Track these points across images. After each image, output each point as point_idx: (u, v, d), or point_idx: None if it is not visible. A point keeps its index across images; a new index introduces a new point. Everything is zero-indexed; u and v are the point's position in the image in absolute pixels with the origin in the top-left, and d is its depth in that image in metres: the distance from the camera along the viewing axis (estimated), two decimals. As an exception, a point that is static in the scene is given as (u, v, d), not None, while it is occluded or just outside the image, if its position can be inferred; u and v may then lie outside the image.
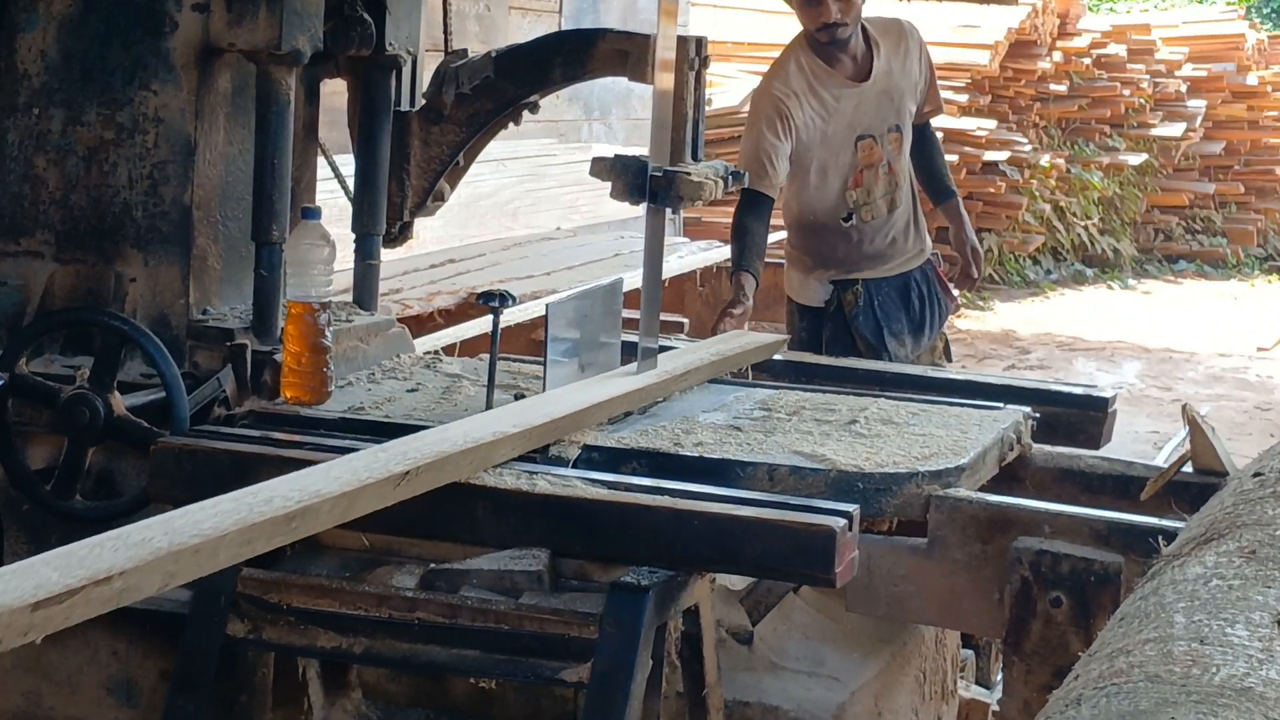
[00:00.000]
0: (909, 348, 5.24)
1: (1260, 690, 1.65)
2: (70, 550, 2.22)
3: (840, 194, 5.21)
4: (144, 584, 2.24)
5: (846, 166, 5.19)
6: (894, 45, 5.24)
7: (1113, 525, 3.18)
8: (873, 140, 5.20)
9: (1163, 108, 15.08)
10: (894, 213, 5.26)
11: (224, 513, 2.48)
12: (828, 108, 5.14)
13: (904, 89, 5.24)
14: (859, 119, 5.18)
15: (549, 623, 2.96)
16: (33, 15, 3.60)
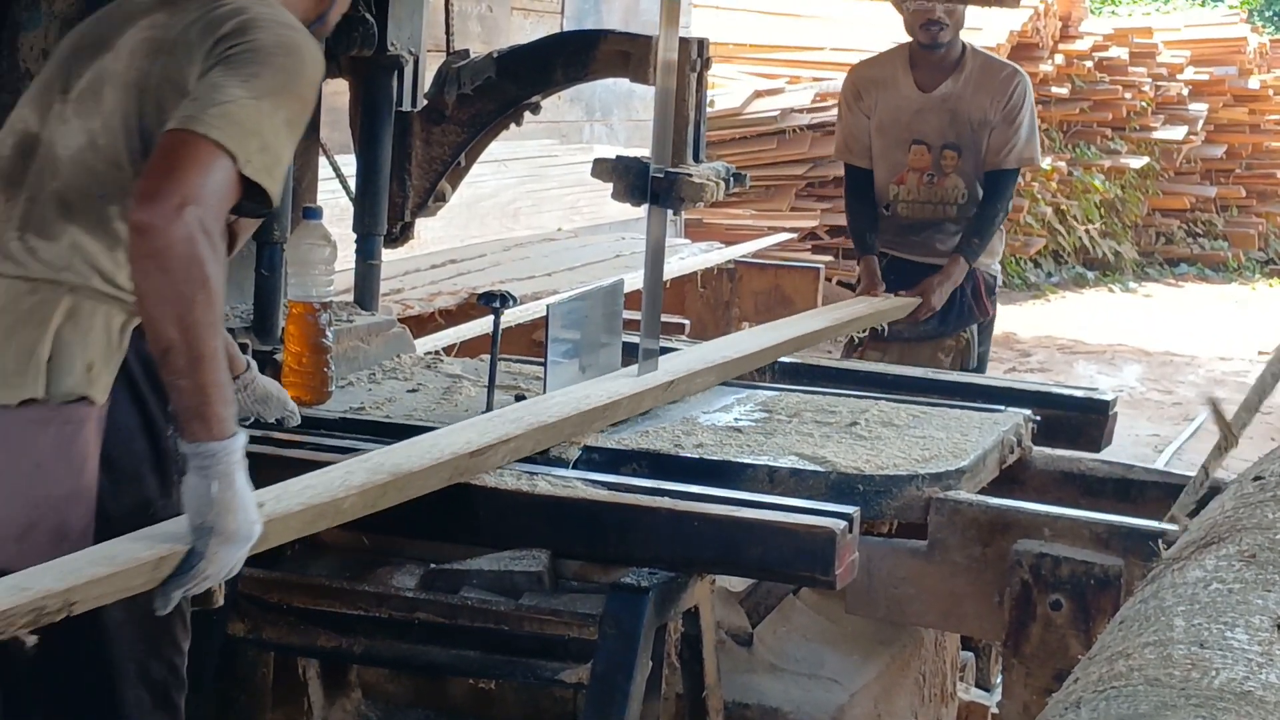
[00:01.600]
0: (906, 328, 5.44)
1: (1260, 694, 1.65)
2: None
3: (885, 185, 5.59)
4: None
5: (896, 162, 5.56)
6: (985, 79, 5.53)
7: (1113, 528, 3.18)
8: (925, 148, 5.53)
9: (1164, 111, 15.08)
10: (938, 225, 5.56)
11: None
12: (895, 101, 5.55)
13: (974, 118, 5.51)
14: (917, 124, 5.53)
15: (549, 623, 2.96)
16: (35, 14, 3.60)
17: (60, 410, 2.50)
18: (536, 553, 3.04)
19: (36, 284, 2.55)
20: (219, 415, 2.38)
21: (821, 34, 13.31)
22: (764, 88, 12.09)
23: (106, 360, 2.53)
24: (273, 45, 2.55)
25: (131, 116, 2.59)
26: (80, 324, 2.53)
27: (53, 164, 2.62)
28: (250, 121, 2.46)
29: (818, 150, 11.75)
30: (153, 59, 2.60)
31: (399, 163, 4.08)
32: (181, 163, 2.39)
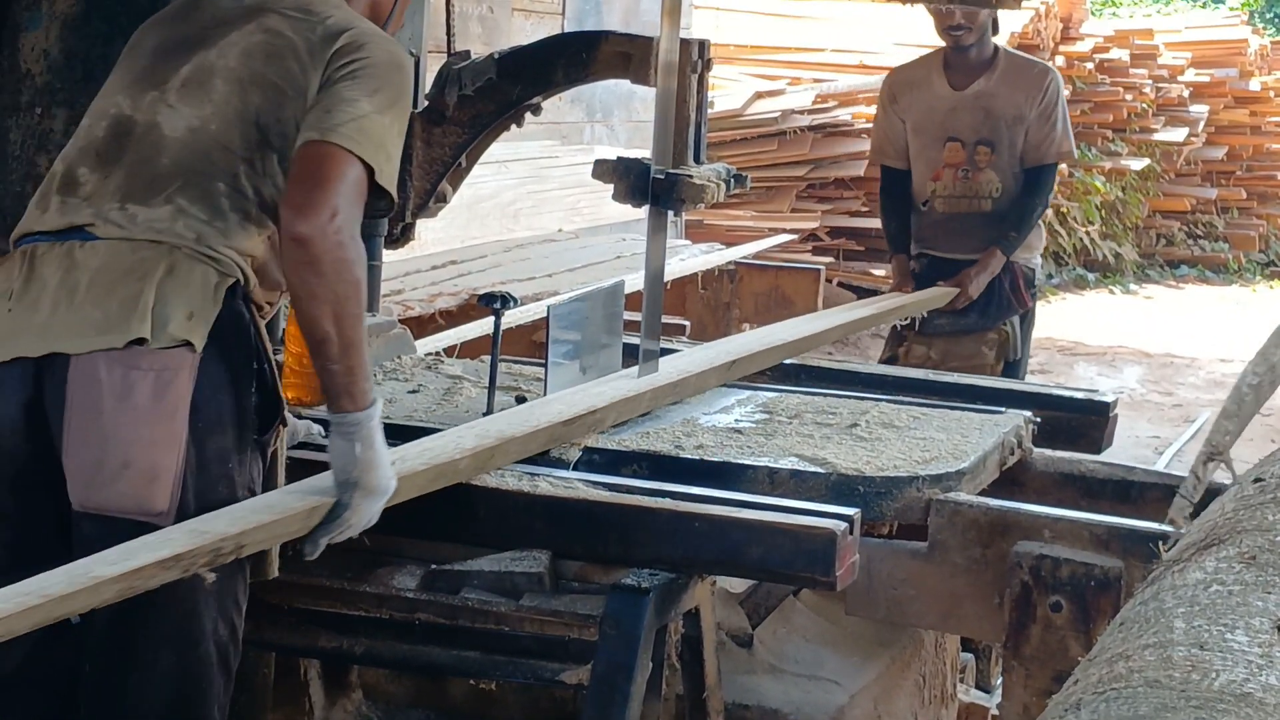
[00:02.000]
0: (948, 322, 5.67)
1: (1260, 696, 1.65)
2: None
3: (922, 182, 5.80)
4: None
5: (932, 160, 5.76)
6: (1018, 77, 5.76)
7: (1113, 530, 3.18)
8: (959, 144, 5.74)
9: (1165, 113, 15.07)
10: (974, 216, 5.72)
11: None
12: (928, 102, 5.78)
13: (1007, 115, 5.72)
14: (950, 122, 5.74)
15: (549, 624, 2.96)
16: (35, 14, 3.60)
17: (160, 355, 2.68)
18: (537, 553, 3.04)
19: (138, 244, 2.76)
20: (364, 390, 2.71)
21: (822, 35, 13.30)
22: (765, 89, 12.09)
23: (203, 312, 2.72)
24: (386, 62, 2.86)
25: (248, 109, 2.83)
26: (180, 277, 2.72)
27: (158, 143, 2.84)
28: (378, 135, 2.77)
29: (818, 151, 11.74)
30: (267, 61, 2.86)
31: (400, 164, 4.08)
32: (328, 175, 2.70)
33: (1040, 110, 5.71)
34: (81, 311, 2.70)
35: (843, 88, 12.34)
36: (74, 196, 2.83)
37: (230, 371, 2.73)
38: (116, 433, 2.66)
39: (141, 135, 2.85)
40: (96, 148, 2.88)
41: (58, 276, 2.75)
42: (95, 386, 2.66)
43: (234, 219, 2.78)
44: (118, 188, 2.81)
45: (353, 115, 2.75)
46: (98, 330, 2.68)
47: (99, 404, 2.66)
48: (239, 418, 2.74)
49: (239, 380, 2.74)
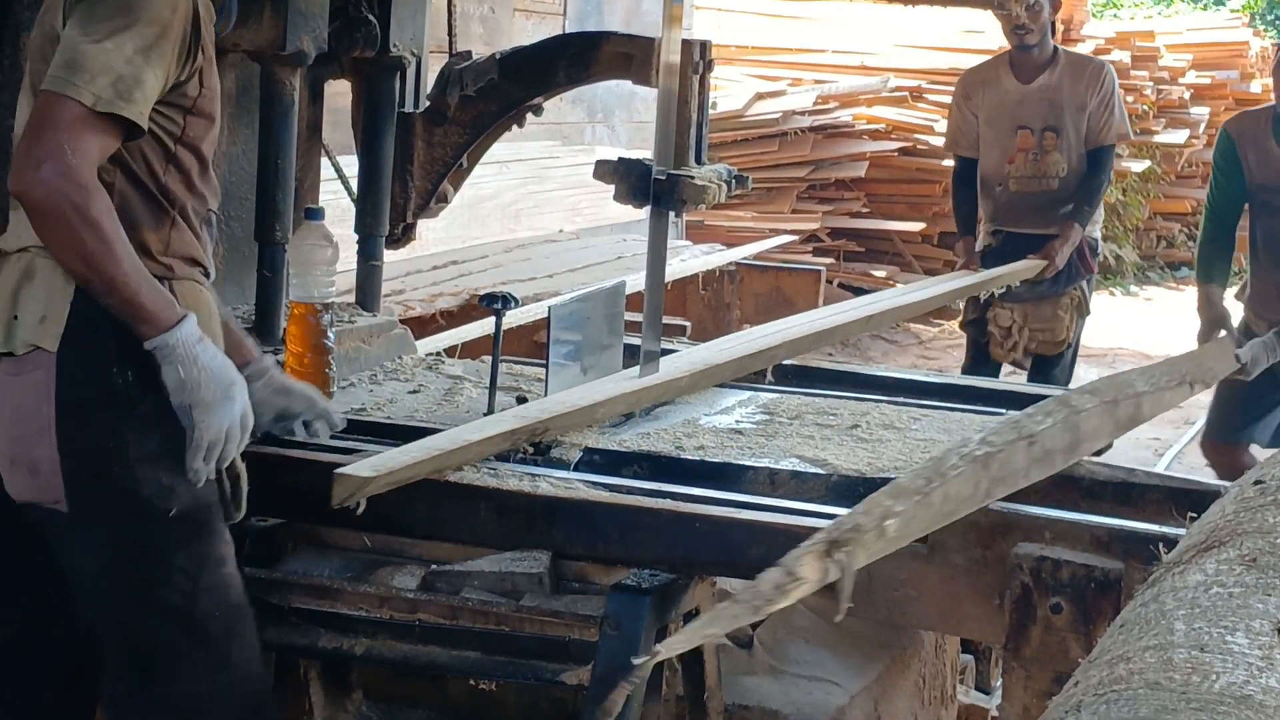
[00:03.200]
0: (1025, 290, 6.43)
1: (1260, 698, 1.65)
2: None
3: (999, 165, 6.61)
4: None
5: (1006, 146, 6.58)
6: (1078, 71, 6.57)
7: (1113, 532, 3.17)
8: (1029, 131, 6.53)
9: (1166, 114, 15.07)
10: (1043, 194, 6.51)
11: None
12: (999, 97, 6.62)
13: (1070, 104, 6.53)
14: (1020, 112, 6.56)
15: (549, 625, 2.96)
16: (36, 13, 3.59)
17: (20, 361, 2.82)
18: (537, 554, 3.04)
19: (7, 255, 2.88)
20: (155, 312, 2.78)
21: (823, 36, 13.31)
22: (766, 90, 12.10)
23: (55, 313, 2.81)
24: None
25: (35, 78, 2.86)
26: (35, 282, 2.83)
27: (15, 130, 2.93)
28: (94, 63, 2.73)
29: (819, 153, 11.75)
30: (39, 26, 2.92)
31: (401, 164, 4.08)
32: (36, 124, 2.73)
33: (1100, 99, 6.53)
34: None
35: (844, 89, 12.36)
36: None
37: (89, 359, 2.81)
38: (4, 432, 2.85)
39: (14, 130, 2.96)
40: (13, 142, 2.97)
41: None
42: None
43: None
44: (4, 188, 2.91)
45: (64, 57, 2.74)
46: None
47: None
48: (110, 398, 2.81)
49: (102, 364, 2.81)
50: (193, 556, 2.86)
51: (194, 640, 2.86)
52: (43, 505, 2.83)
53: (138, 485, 2.80)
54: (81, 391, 2.81)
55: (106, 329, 2.80)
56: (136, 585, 2.84)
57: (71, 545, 2.86)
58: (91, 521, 2.82)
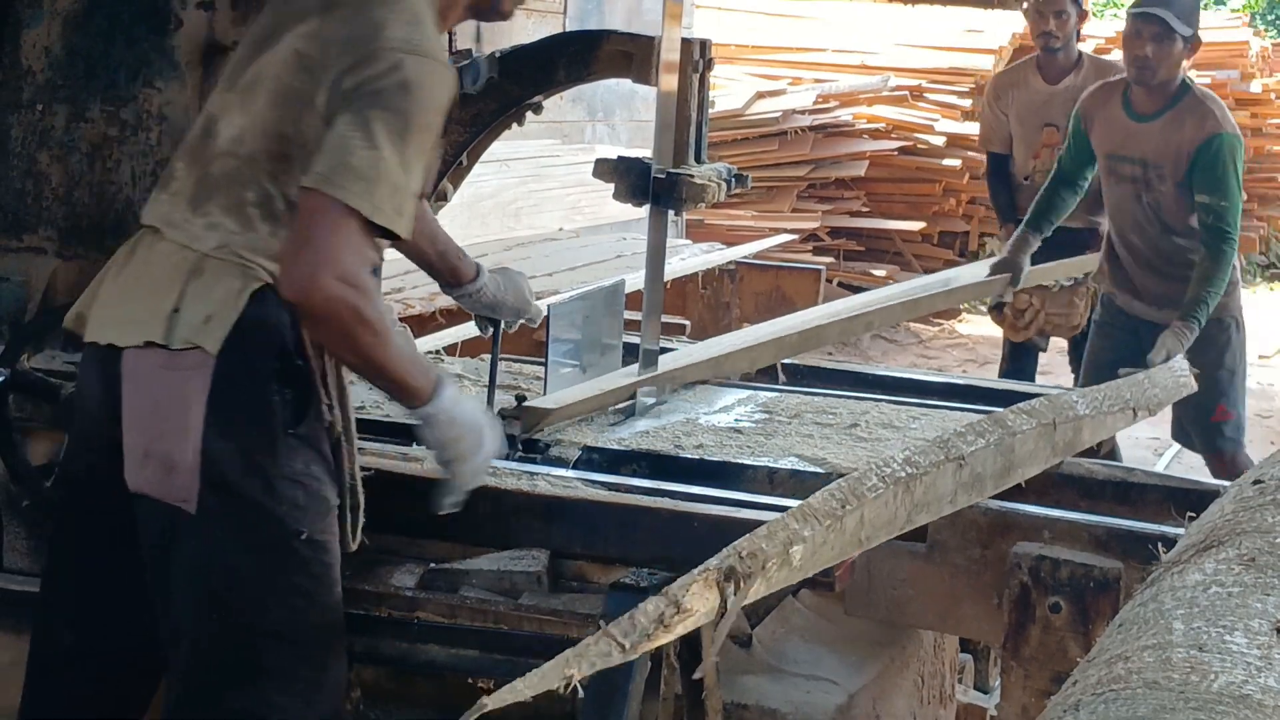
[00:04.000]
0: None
1: (1258, 698, 1.65)
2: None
3: (1025, 160, 7.07)
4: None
5: (1033, 142, 7.02)
6: (1102, 74, 6.65)
7: (1112, 531, 3.18)
8: (1055, 129, 6.88)
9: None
10: None
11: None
12: (1027, 97, 7.07)
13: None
14: (1046, 111, 6.97)
15: (548, 623, 2.96)
16: (37, 11, 3.60)
17: (175, 356, 2.79)
18: (536, 552, 3.04)
19: (180, 247, 2.86)
20: (417, 388, 2.88)
21: (823, 36, 13.31)
22: (766, 89, 12.10)
23: (222, 316, 2.80)
24: (396, 86, 2.78)
25: (271, 123, 2.86)
26: (204, 282, 2.82)
27: (213, 147, 2.92)
28: (376, 173, 2.75)
29: (819, 152, 11.75)
30: (297, 74, 2.86)
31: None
32: (313, 230, 2.75)
33: None
34: (132, 306, 2.87)
35: (844, 88, 12.35)
36: (165, 191, 2.95)
37: (251, 372, 2.80)
38: (141, 423, 2.83)
39: (211, 136, 2.93)
40: (192, 144, 2.99)
41: (140, 267, 2.91)
42: (131, 379, 2.84)
43: (264, 229, 2.84)
44: (190, 190, 2.91)
45: (345, 161, 2.74)
46: (134, 328, 2.84)
47: (131, 396, 2.83)
48: (264, 414, 2.81)
49: (262, 379, 2.81)
50: (311, 578, 2.86)
51: (298, 658, 2.86)
52: (164, 502, 2.81)
53: (274, 503, 2.80)
54: (236, 401, 2.79)
55: (273, 345, 2.81)
56: (252, 599, 2.83)
57: (188, 547, 2.82)
58: (218, 529, 2.80)
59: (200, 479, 2.78)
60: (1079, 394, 3.63)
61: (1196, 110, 5.63)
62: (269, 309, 2.81)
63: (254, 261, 2.82)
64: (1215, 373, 5.77)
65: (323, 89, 2.81)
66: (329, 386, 2.89)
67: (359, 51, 2.81)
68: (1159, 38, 5.59)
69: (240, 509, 2.80)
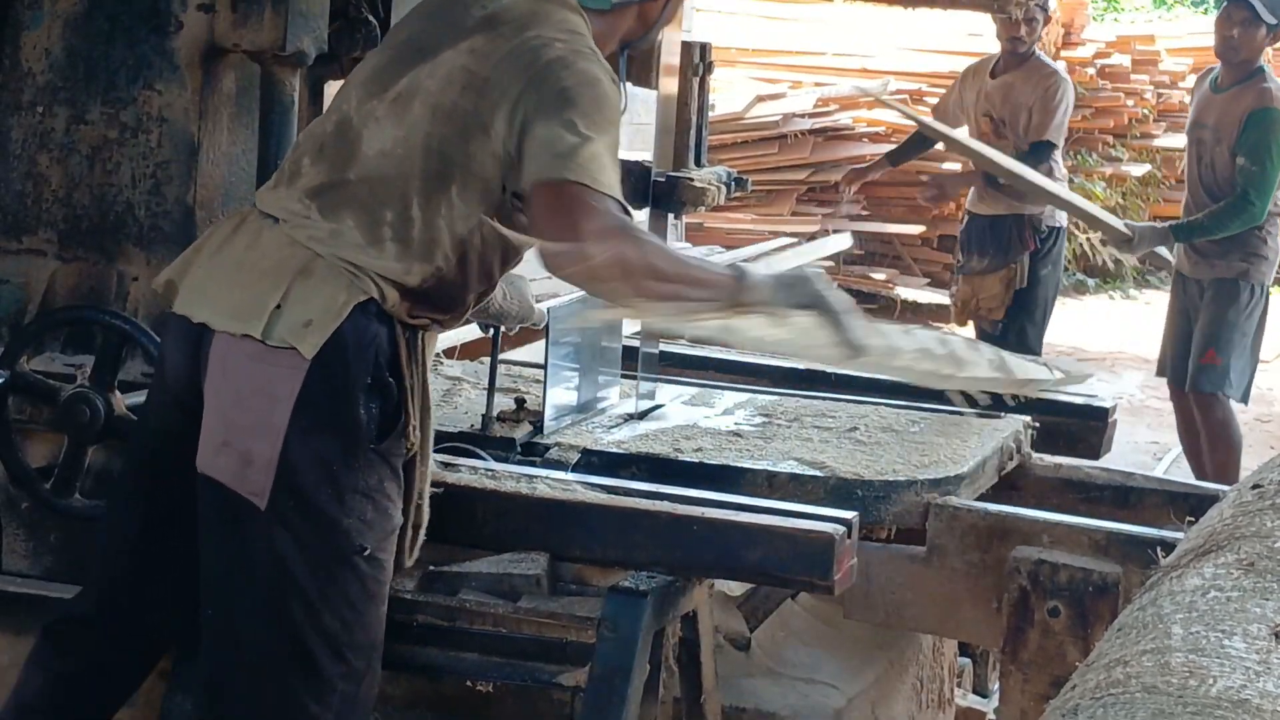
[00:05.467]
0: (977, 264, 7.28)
1: (1257, 702, 1.65)
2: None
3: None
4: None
5: (974, 131, 7.31)
6: (1034, 74, 7.24)
7: (1111, 535, 3.18)
8: (989, 119, 7.30)
9: (1166, 118, 15.05)
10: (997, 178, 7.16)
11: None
12: (977, 86, 7.39)
13: (1019, 101, 7.21)
14: (985, 103, 7.33)
15: (547, 626, 2.96)
16: (37, 13, 3.60)
17: (269, 352, 2.78)
18: (535, 556, 3.04)
19: (296, 243, 2.84)
20: (719, 280, 2.76)
21: (823, 39, 13.30)
22: (766, 92, 12.09)
23: (322, 323, 2.78)
24: (578, 84, 2.80)
25: (433, 138, 2.84)
26: (311, 284, 2.80)
27: (357, 154, 2.89)
28: (587, 156, 2.73)
29: (819, 155, 11.74)
30: (464, 91, 2.84)
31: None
32: (564, 212, 2.72)
33: (1041, 103, 7.15)
34: (232, 291, 2.85)
35: (844, 91, 12.34)
36: (290, 184, 2.93)
37: (344, 382, 2.80)
38: (223, 411, 2.82)
39: (351, 143, 2.90)
40: (322, 140, 2.96)
41: (241, 250, 2.89)
42: (219, 363, 2.83)
43: (392, 250, 2.83)
44: (316, 188, 2.89)
45: (560, 150, 2.73)
46: (233, 313, 2.82)
47: (217, 380, 2.83)
48: (348, 426, 2.81)
49: (352, 392, 2.80)
50: (365, 593, 2.86)
51: (339, 671, 2.85)
52: (235, 490, 2.81)
53: (343, 515, 2.80)
54: (322, 408, 2.79)
55: (368, 360, 2.81)
56: (304, 605, 2.82)
57: (251, 542, 2.82)
58: (283, 531, 2.79)
59: (275, 478, 2.78)
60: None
61: (1260, 86, 6.49)
62: (370, 322, 2.81)
63: (366, 273, 2.81)
64: (1218, 321, 6.58)
65: (500, 115, 2.80)
66: (415, 404, 2.88)
67: (534, 69, 2.81)
68: (1246, 22, 6.47)
69: (308, 516, 2.79)
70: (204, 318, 2.86)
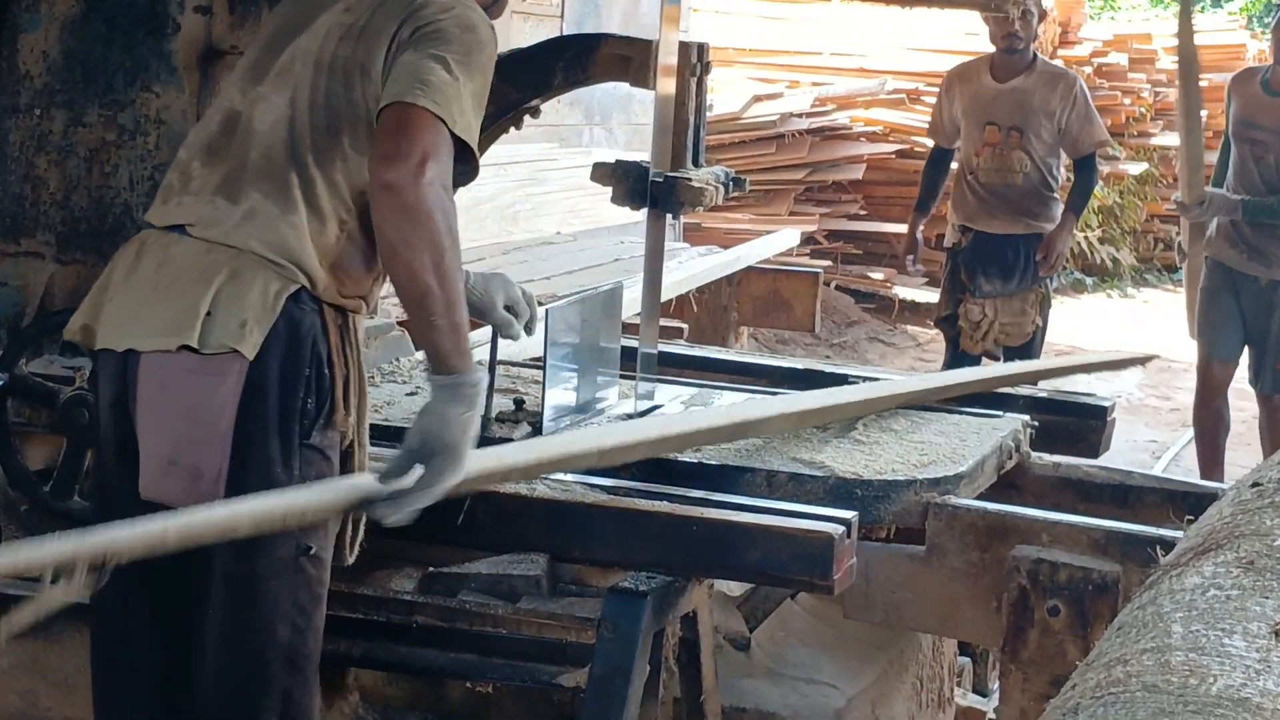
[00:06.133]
0: (995, 287, 7.00)
1: (1257, 701, 1.65)
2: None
3: (969, 156, 7.11)
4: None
5: (976, 139, 7.06)
6: (1051, 81, 7.05)
7: (1111, 534, 3.18)
8: (996, 127, 7.00)
9: (1163, 117, 15.05)
10: (1008, 189, 6.98)
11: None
12: (976, 92, 7.11)
13: (1037, 109, 6.99)
14: (990, 109, 7.04)
15: (547, 627, 2.96)
16: (35, 16, 3.60)
17: (208, 360, 2.72)
18: (535, 556, 3.04)
19: (213, 246, 2.78)
20: (469, 351, 2.71)
21: (820, 39, 13.31)
22: (763, 92, 12.09)
23: (259, 320, 2.73)
24: (454, 25, 2.81)
25: (319, 92, 2.84)
26: (240, 284, 2.74)
27: (250, 136, 2.86)
28: (451, 91, 2.73)
29: (817, 155, 11.75)
30: (343, 42, 2.85)
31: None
32: (411, 129, 2.68)
33: (1076, 112, 6.99)
34: (155, 309, 2.77)
35: (841, 91, 12.35)
36: (185, 192, 2.87)
37: (281, 378, 2.76)
38: (166, 431, 2.76)
39: (243, 130, 2.87)
40: (208, 142, 2.92)
41: (152, 270, 2.81)
42: (153, 384, 2.76)
43: (304, 211, 2.79)
44: (217, 185, 2.85)
45: (422, 77, 2.71)
46: (162, 330, 2.75)
47: (155, 401, 2.76)
48: (284, 424, 2.76)
49: (290, 387, 2.77)
50: (311, 597, 2.84)
51: (295, 680, 2.83)
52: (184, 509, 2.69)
53: None
54: (265, 407, 2.74)
55: (307, 353, 2.77)
56: (264, 616, 2.78)
57: (206, 559, 2.75)
58: (236, 542, 2.68)
59: (225, 487, 2.72)
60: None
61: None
62: (304, 313, 2.77)
63: (292, 261, 2.77)
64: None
65: (378, 54, 2.80)
66: (350, 394, 2.84)
67: (411, 8, 2.82)
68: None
69: None
70: (129, 343, 2.79)
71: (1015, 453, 3.74)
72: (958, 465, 3.39)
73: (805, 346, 9.92)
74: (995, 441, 3.62)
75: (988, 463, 3.53)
